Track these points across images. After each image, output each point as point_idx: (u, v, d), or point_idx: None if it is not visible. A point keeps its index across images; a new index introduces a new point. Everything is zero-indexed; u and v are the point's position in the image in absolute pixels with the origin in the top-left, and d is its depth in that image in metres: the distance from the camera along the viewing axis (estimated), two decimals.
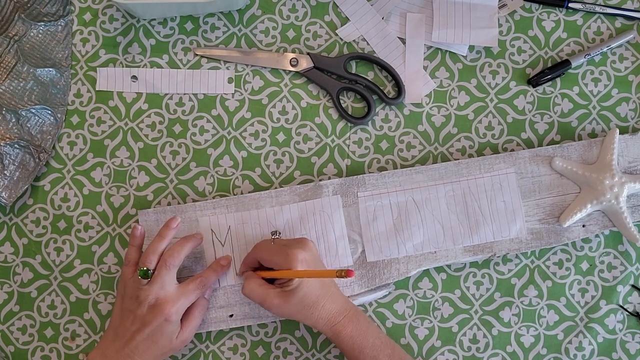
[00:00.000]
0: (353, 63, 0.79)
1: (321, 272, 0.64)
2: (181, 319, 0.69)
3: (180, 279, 0.74)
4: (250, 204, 0.75)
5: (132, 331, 0.67)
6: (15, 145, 0.75)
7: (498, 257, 0.75)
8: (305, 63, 0.78)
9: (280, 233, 0.73)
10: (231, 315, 0.74)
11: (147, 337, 0.67)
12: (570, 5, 0.79)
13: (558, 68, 0.77)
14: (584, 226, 0.75)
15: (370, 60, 0.78)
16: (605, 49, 0.78)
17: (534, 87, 0.78)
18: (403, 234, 0.74)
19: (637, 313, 0.76)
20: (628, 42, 0.79)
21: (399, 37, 0.79)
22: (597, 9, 0.78)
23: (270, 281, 0.70)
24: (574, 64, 0.77)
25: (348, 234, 0.74)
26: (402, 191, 0.75)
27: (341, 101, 0.78)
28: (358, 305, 0.75)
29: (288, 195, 0.75)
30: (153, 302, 0.67)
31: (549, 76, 0.77)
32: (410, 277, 0.75)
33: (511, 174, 0.75)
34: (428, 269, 0.76)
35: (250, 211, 0.75)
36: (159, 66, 0.78)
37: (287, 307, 0.67)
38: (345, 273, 0.59)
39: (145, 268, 0.68)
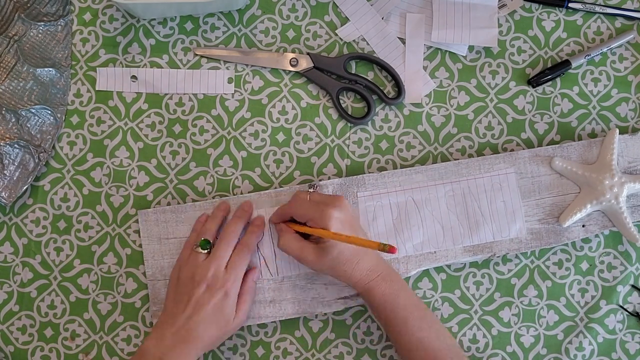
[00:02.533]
0: (353, 63, 0.79)
1: (363, 241, 0.63)
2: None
3: None
4: None
5: (189, 313, 0.67)
6: (15, 145, 0.75)
7: (498, 257, 0.75)
8: (305, 63, 0.78)
9: (317, 186, 0.72)
10: None
11: (206, 318, 0.67)
12: (570, 5, 0.79)
13: (558, 68, 0.77)
14: (583, 226, 0.75)
15: (370, 60, 0.78)
16: (605, 50, 0.78)
17: (534, 87, 0.78)
18: (403, 234, 0.74)
19: (637, 313, 0.76)
20: (628, 42, 0.79)
21: (398, 37, 0.79)
22: (597, 8, 0.78)
23: (304, 237, 0.70)
24: (574, 64, 0.77)
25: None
26: (401, 191, 0.75)
27: (341, 101, 0.78)
28: (358, 305, 0.75)
29: (288, 196, 0.75)
30: (210, 280, 0.68)
31: (549, 76, 0.77)
32: (410, 277, 0.75)
33: (511, 174, 0.75)
34: (428, 269, 0.76)
35: None
36: (159, 66, 0.78)
37: (322, 263, 0.67)
38: (388, 248, 0.58)
39: (205, 239, 0.70)
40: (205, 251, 0.70)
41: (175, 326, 0.67)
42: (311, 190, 0.72)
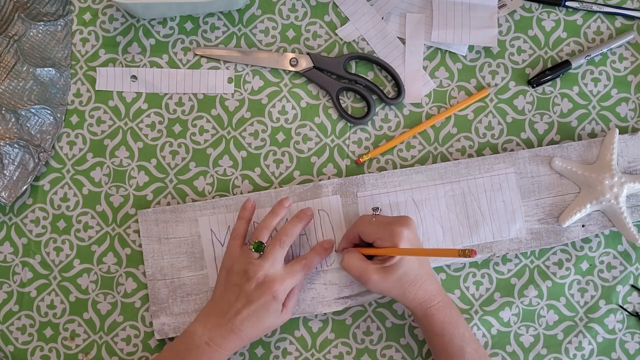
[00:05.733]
0: (353, 63, 0.79)
1: (440, 251, 0.62)
2: None
3: (177, 279, 0.74)
4: None
5: (238, 307, 0.67)
6: (15, 145, 0.75)
7: (498, 257, 0.75)
8: (305, 63, 0.78)
9: (381, 209, 0.72)
10: None
11: (252, 314, 0.67)
12: (567, 3, 0.78)
13: (558, 69, 0.77)
14: (583, 226, 0.75)
15: (370, 60, 0.78)
16: (605, 50, 0.78)
17: (534, 87, 0.78)
18: None
19: (637, 313, 0.76)
20: (628, 42, 0.79)
21: (398, 37, 0.79)
22: (595, 7, 0.78)
23: (369, 258, 0.70)
24: (574, 65, 0.77)
25: None
26: (401, 191, 0.75)
27: (341, 101, 0.78)
28: (357, 306, 0.75)
29: (287, 195, 0.75)
30: (262, 279, 0.68)
31: (549, 77, 0.77)
32: None
33: (511, 174, 0.75)
34: None
35: None
36: (159, 66, 0.78)
37: (385, 284, 0.67)
38: (468, 252, 0.57)
39: (259, 241, 0.69)
40: (259, 253, 0.69)
41: (224, 317, 0.67)
42: (375, 213, 0.71)
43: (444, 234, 0.74)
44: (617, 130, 0.74)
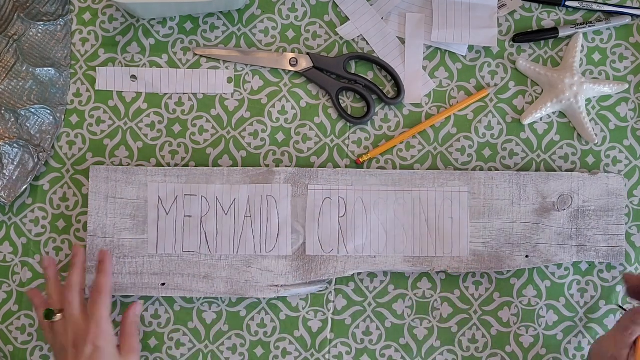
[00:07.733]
0: (352, 63, 0.79)
1: None
2: (119, 346, 0.68)
3: (117, 239, 0.74)
4: (201, 178, 0.75)
5: None
6: (14, 145, 0.75)
7: (437, 272, 0.75)
8: (304, 63, 0.78)
9: None
10: (163, 284, 0.74)
11: None
12: (567, 3, 0.78)
13: (545, 33, 0.78)
14: (527, 257, 0.74)
15: (369, 60, 0.78)
16: (597, 27, 0.78)
17: (518, 43, 0.78)
18: (346, 233, 0.74)
19: None
20: (621, 25, 0.79)
21: (398, 37, 0.79)
22: (595, 7, 0.78)
23: None
24: (561, 33, 0.77)
25: (292, 224, 0.74)
26: (352, 191, 0.75)
27: (340, 101, 0.78)
28: (291, 297, 0.75)
29: (239, 176, 0.75)
30: (73, 342, 0.66)
31: (535, 38, 0.78)
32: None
33: (464, 192, 0.75)
34: None
35: (200, 185, 0.75)
36: (159, 66, 0.78)
37: None
38: None
39: (47, 309, 0.69)
40: (58, 318, 0.68)
41: None
42: None
43: (387, 240, 0.74)
44: (582, 35, 0.76)
